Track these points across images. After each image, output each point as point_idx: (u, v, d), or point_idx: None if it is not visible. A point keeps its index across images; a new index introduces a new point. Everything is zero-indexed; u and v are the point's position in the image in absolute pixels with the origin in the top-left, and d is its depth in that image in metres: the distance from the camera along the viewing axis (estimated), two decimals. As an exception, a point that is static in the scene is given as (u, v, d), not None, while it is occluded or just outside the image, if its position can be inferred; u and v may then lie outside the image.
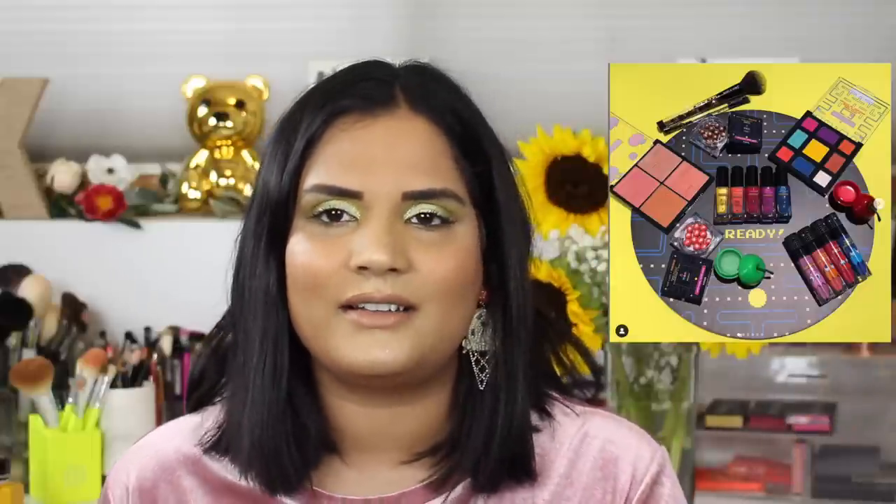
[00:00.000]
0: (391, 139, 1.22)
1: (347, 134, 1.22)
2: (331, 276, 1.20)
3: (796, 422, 2.70)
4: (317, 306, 1.21)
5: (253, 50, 3.36)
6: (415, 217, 1.21)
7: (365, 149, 1.22)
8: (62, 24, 3.39)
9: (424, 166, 1.22)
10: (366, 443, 1.26)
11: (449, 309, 1.22)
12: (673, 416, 2.43)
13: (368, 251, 1.19)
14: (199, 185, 3.18)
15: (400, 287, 1.19)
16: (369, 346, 1.20)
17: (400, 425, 1.25)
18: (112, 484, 1.31)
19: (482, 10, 3.37)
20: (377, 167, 1.21)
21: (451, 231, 1.22)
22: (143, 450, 1.31)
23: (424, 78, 1.26)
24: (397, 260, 1.19)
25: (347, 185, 1.21)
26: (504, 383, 1.25)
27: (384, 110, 1.23)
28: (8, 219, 3.15)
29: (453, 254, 1.22)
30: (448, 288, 1.21)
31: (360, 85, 1.24)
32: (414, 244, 1.21)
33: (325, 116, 1.23)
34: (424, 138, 1.23)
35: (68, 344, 2.91)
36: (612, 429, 1.29)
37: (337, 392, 1.25)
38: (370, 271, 1.19)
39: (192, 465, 1.28)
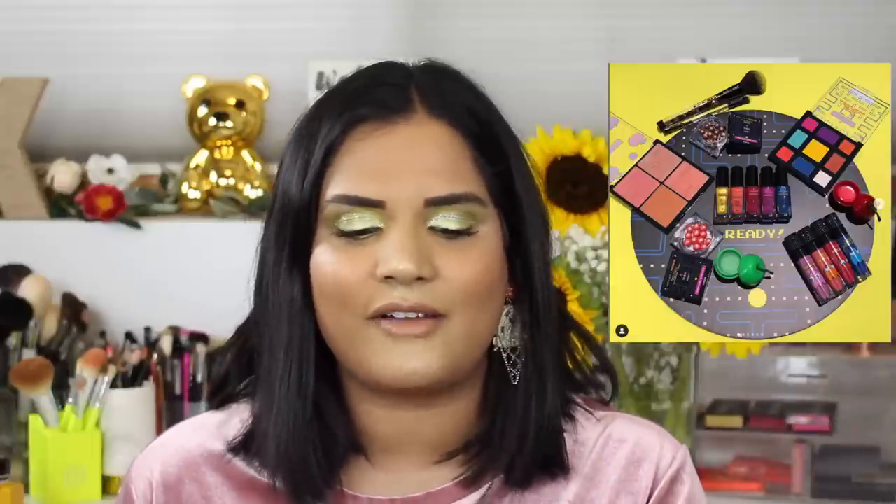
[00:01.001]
0: (411, 146, 1.22)
1: (366, 143, 1.22)
2: (358, 286, 1.20)
3: (796, 422, 2.69)
4: (346, 317, 1.21)
5: (253, 50, 3.36)
6: (441, 222, 1.21)
7: (385, 157, 1.21)
8: (62, 24, 3.39)
9: (445, 171, 1.22)
10: (393, 445, 1.26)
11: (476, 313, 1.22)
12: (673, 416, 2.44)
13: (394, 260, 1.19)
14: (199, 185, 3.17)
15: (426, 295, 1.19)
16: (403, 356, 1.20)
17: (428, 427, 1.25)
18: (135, 478, 1.30)
19: (482, 10, 3.37)
20: (398, 175, 1.21)
21: (475, 234, 1.22)
22: (167, 446, 1.31)
23: (439, 79, 1.26)
24: (423, 268, 1.19)
25: (369, 194, 1.20)
26: (535, 378, 1.25)
27: (402, 117, 1.22)
28: (8, 219, 3.14)
29: (478, 258, 1.22)
30: (474, 293, 1.21)
31: (376, 91, 1.23)
32: (438, 250, 1.21)
33: (342, 125, 1.22)
34: (443, 142, 1.22)
35: (68, 344, 2.90)
36: (636, 431, 1.29)
37: (363, 397, 1.25)
38: (396, 280, 1.19)
39: (217, 461, 1.28)
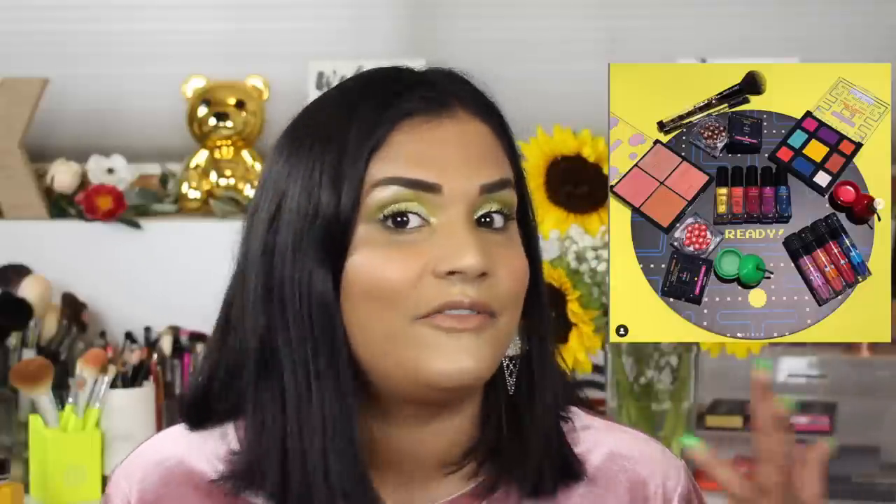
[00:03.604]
0: (457, 138, 1.20)
1: (416, 135, 1.20)
2: (410, 285, 1.16)
3: (796, 422, 2.69)
4: (391, 319, 1.16)
5: (253, 50, 3.36)
6: (484, 216, 1.19)
7: (439, 148, 1.19)
8: (62, 24, 3.39)
9: (494, 159, 1.21)
10: (402, 460, 1.24)
11: (517, 313, 1.21)
12: (673, 416, 2.43)
13: (460, 254, 1.16)
14: (199, 185, 3.17)
15: (485, 293, 1.17)
16: (457, 352, 1.16)
17: (436, 440, 1.23)
18: (113, 494, 1.28)
19: (482, 10, 3.37)
20: (454, 164, 1.19)
21: (511, 230, 1.21)
22: (146, 460, 1.28)
23: (461, 81, 1.25)
24: (488, 263, 1.17)
25: (426, 177, 1.18)
26: (532, 386, 1.23)
27: (447, 113, 1.21)
28: (8, 219, 3.14)
29: (518, 255, 1.21)
30: (520, 291, 1.20)
31: (416, 89, 1.22)
32: (490, 246, 1.18)
33: (390, 119, 1.19)
34: (485, 138, 1.22)
35: (68, 344, 2.90)
36: (637, 447, 1.29)
37: (374, 415, 1.22)
38: (459, 276, 1.16)
39: (197, 481, 1.25)
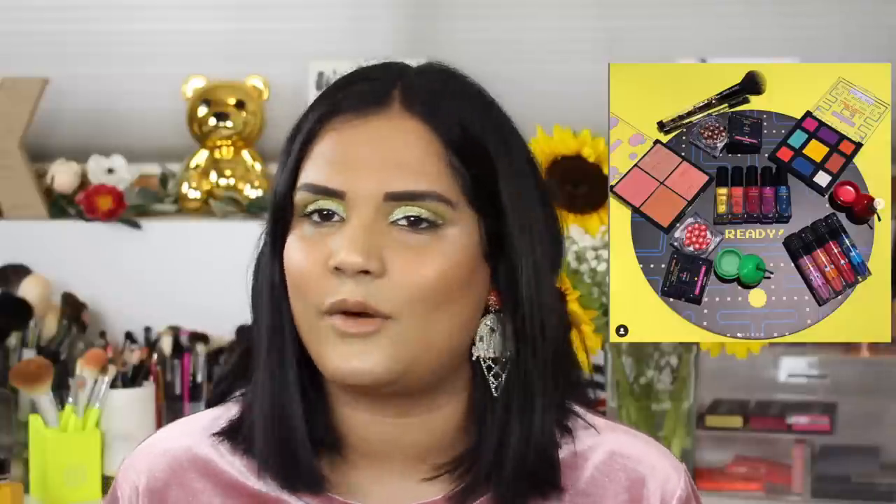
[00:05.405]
0: (378, 140, 1.20)
1: (337, 133, 1.21)
2: (314, 278, 1.19)
3: (796, 422, 2.69)
4: (305, 310, 1.21)
5: (253, 50, 3.36)
6: (402, 219, 1.19)
7: (352, 149, 1.21)
8: (62, 24, 3.39)
9: (411, 167, 1.20)
10: (377, 452, 1.25)
11: (429, 317, 1.19)
12: (673, 416, 2.43)
13: (343, 252, 1.18)
14: (199, 185, 3.17)
15: (372, 295, 1.17)
16: (348, 354, 1.18)
17: (410, 436, 1.24)
18: (122, 482, 1.30)
19: (482, 10, 3.37)
20: (360, 167, 1.20)
21: (438, 234, 1.20)
22: (154, 449, 1.30)
23: (431, 79, 1.24)
24: (370, 262, 1.17)
25: (331, 184, 1.20)
26: (518, 391, 1.22)
27: (376, 111, 1.21)
28: (8, 219, 3.14)
29: (434, 259, 1.19)
30: (424, 296, 1.18)
31: (357, 85, 1.23)
32: (395, 247, 1.19)
33: (318, 116, 1.23)
34: (413, 139, 1.20)
35: (68, 344, 2.90)
36: (637, 448, 1.28)
37: (344, 400, 1.24)
38: (344, 273, 1.18)
39: (204, 466, 1.27)
